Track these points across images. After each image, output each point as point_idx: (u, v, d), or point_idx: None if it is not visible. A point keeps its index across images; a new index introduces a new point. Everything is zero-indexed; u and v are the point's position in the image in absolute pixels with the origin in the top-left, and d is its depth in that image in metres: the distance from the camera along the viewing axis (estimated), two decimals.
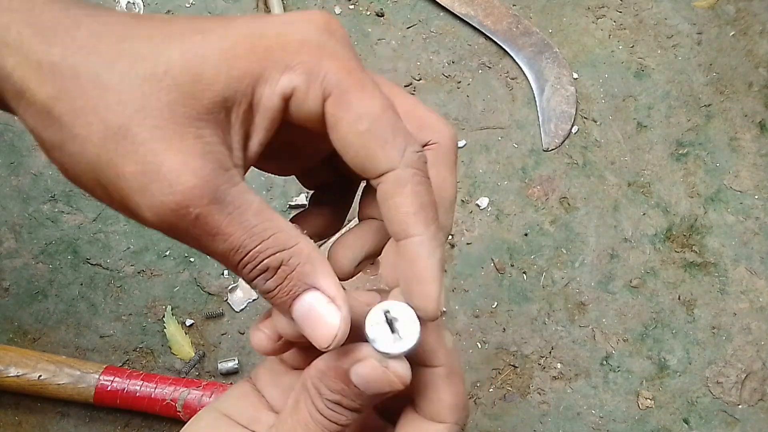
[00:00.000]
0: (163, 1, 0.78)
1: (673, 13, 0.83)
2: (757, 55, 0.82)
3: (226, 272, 0.70)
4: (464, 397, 0.31)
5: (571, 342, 0.71)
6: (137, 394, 0.61)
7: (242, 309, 0.69)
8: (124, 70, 0.26)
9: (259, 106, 0.28)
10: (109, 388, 0.61)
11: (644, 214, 0.76)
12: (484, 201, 0.74)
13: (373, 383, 0.29)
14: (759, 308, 0.73)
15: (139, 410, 0.62)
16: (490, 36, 0.80)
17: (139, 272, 0.69)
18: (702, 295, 0.74)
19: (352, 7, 0.80)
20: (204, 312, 0.68)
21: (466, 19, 0.80)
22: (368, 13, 0.80)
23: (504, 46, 0.79)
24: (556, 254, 0.73)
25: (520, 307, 0.71)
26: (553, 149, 0.77)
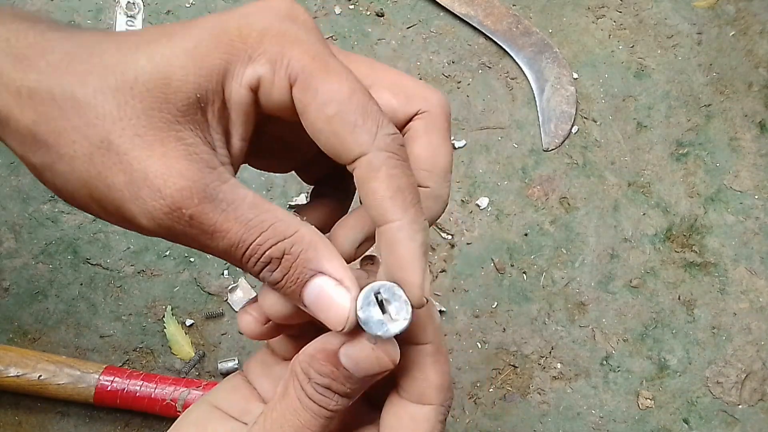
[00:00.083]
0: (163, 1, 0.78)
1: (673, 13, 0.83)
2: (757, 55, 0.82)
3: (226, 272, 0.70)
4: (449, 377, 0.31)
5: (571, 342, 0.71)
6: (137, 394, 0.61)
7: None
8: (97, 84, 0.26)
9: (231, 102, 0.28)
10: (109, 388, 0.61)
11: (644, 214, 0.76)
12: (484, 201, 0.74)
13: (363, 364, 0.28)
14: (759, 308, 0.73)
15: (139, 410, 0.62)
16: (490, 36, 0.80)
17: (139, 272, 0.69)
18: (702, 295, 0.73)
19: (352, 7, 0.80)
20: (204, 312, 0.68)
21: (466, 19, 0.80)
22: (368, 13, 0.80)
23: (504, 46, 0.79)
24: (556, 254, 0.73)
25: (520, 307, 0.71)
26: (553, 149, 0.77)
